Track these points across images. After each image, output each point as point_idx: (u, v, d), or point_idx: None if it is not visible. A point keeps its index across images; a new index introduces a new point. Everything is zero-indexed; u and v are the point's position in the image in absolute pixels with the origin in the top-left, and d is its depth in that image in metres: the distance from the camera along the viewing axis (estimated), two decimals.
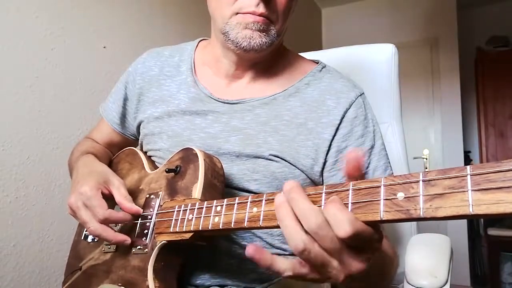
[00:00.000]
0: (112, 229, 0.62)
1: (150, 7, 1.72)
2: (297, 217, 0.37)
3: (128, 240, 0.62)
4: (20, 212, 1.15)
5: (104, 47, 1.48)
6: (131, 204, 0.63)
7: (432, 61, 3.41)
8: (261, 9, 0.63)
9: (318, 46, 3.63)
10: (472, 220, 3.26)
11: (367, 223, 0.35)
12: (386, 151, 0.72)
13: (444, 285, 0.85)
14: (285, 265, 0.39)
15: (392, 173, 0.70)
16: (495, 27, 3.44)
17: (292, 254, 0.70)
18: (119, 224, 0.67)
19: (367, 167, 0.68)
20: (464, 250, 3.02)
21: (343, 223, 0.34)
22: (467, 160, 3.43)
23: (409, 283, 0.85)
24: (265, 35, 0.65)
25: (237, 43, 0.66)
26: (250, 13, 0.64)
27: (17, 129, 1.15)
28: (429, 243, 0.93)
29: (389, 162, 0.71)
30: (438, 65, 3.34)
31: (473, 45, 3.44)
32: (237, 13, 0.65)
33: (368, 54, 1.11)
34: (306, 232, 0.36)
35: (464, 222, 3.10)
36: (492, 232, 2.94)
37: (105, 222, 0.60)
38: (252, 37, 0.64)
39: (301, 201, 0.37)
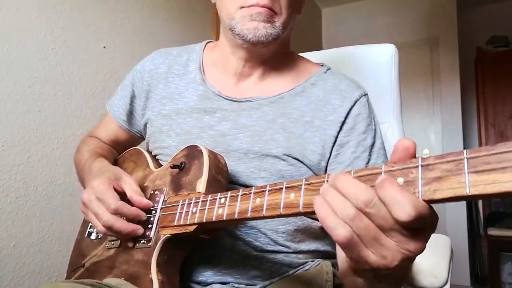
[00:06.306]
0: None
1: (150, 7, 1.72)
2: (345, 197, 0.35)
3: (140, 229, 0.63)
4: (20, 212, 1.15)
5: (104, 47, 1.48)
6: (141, 197, 0.64)
7: (432, 61, 3.40)
8: (264, 0, 0.66)
9: (318, 46, 3.63)
10: (472, 220, 3.25)
11: None
12: (385, 150, 0.74)
13: (444, 285, 0.85)
14: None
15: None
16: (495, 27, 3.43)
17: (295, 252, 0.70)
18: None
19: (367, 164, 0.70)
20: (464, 250, 3.02)
21: (404, 205, 0.32)
22: None
23: (409, 283, 0.85)
24: (270, 26, 0.68)
25: (243, 36, 0.68)
26: (254, 5, 0.66)
27: (17, 129, 1.15)
28: (429, 243, 0.93)
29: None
30: (438, 65, 3.34)
31: (473, 45, 3.43)
32: (241, 7, 0.68)
33: (368, 54, 1.11)
34: (355, 207, 0.35)
35: (464, 222, 3.10)
36: (492, 232, 2.94)
37: (117, 212, 0.61)
38: (257, 28, 0.67)
39: (348, 181, 0.36)
